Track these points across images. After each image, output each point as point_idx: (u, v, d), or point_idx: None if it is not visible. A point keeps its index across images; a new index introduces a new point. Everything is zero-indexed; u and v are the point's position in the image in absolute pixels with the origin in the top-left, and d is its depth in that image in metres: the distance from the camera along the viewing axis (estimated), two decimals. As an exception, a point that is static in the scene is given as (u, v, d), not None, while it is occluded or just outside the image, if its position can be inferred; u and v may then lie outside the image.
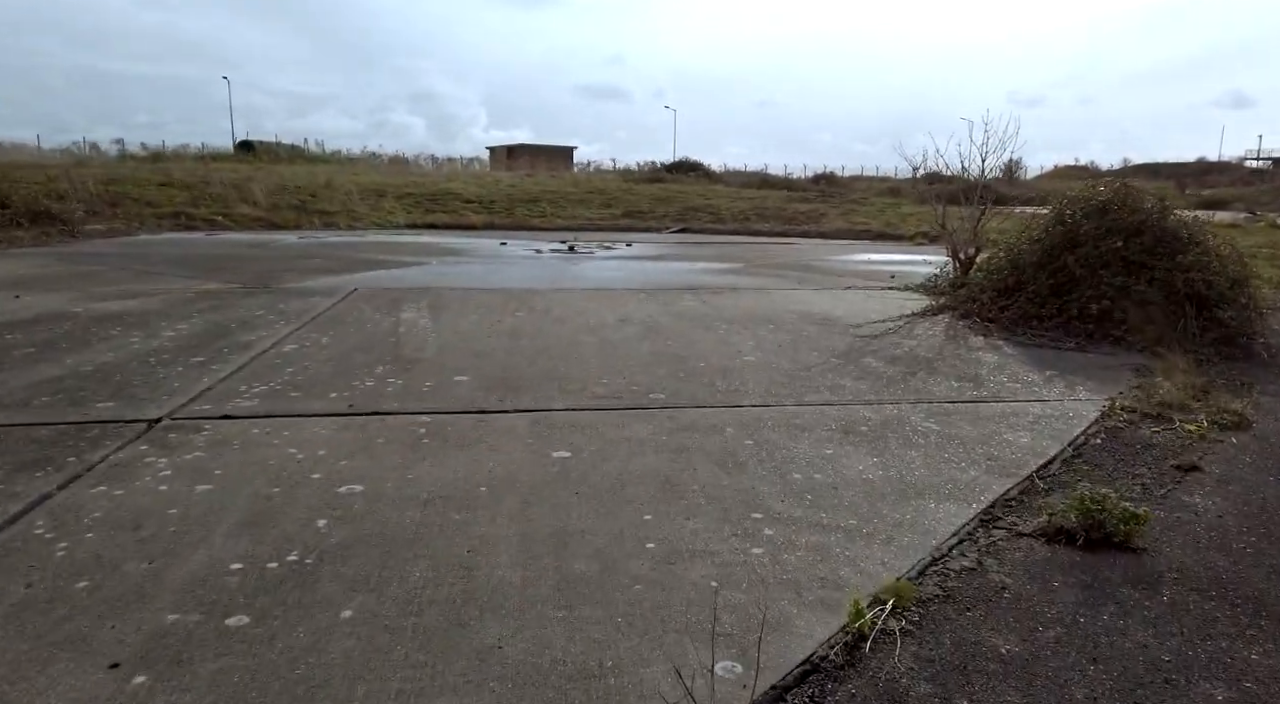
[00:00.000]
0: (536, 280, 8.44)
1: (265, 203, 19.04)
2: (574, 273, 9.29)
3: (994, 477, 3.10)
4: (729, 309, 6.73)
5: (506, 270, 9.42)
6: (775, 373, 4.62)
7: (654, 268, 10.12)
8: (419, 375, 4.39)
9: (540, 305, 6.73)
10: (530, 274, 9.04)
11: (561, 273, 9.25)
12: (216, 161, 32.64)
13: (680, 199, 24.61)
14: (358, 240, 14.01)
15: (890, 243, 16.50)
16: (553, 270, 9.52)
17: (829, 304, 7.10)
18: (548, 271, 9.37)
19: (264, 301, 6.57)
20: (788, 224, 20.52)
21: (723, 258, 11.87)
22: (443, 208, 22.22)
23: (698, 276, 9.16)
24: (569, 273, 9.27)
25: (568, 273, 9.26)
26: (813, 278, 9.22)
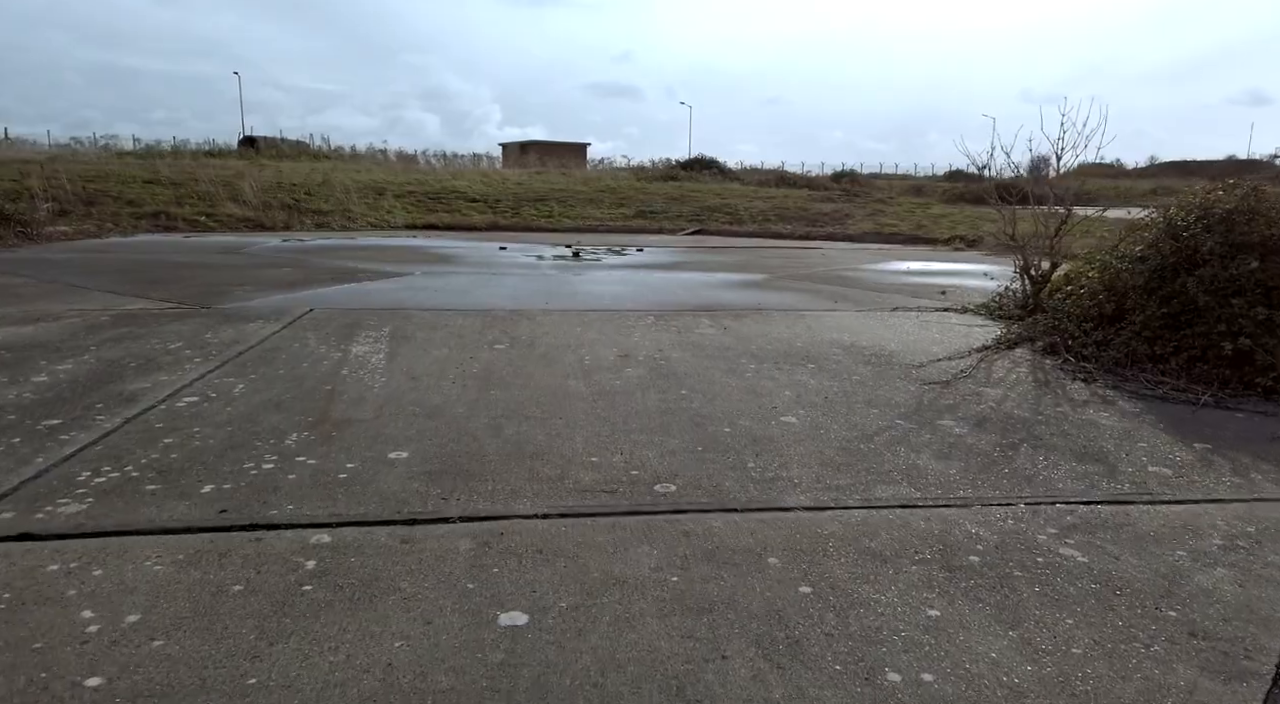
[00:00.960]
0: (528, 297, 7.25)
1: (256, 201, 17.95)
2: (574, 287, 8.09)
3: (1223, 682, 1.88)
4: (757, 340, 5.51)
5: (497, 284, 8.23)
6: (827, 444, 3.41)
7: (666, 280, 8.91)
8: (341, 450, 3.20)
9: (526, 334, 5.54)
10: (523, 289, 7.85)
11: (559, 287, 8.05)
12: (217, 158, 31.68)
13: (696, 198, 23.38)
14: (344, 244, 12.88)
15: (923, 247, 15.22)
16: (550, 284, 8.32)
17: (878, 332, 5.87)
18: (544, 285, 8.17)
19: (190, 328, 5.41)
20: (810, 226, 19.25)
21: (743, 266, 10.64)
22: (445, 207, 21.10)
23: (716, 292, 7.93)
24: (568, 287, 8.07)
25: (566, 287, 8.06)
26: (851, 294, 7.98)
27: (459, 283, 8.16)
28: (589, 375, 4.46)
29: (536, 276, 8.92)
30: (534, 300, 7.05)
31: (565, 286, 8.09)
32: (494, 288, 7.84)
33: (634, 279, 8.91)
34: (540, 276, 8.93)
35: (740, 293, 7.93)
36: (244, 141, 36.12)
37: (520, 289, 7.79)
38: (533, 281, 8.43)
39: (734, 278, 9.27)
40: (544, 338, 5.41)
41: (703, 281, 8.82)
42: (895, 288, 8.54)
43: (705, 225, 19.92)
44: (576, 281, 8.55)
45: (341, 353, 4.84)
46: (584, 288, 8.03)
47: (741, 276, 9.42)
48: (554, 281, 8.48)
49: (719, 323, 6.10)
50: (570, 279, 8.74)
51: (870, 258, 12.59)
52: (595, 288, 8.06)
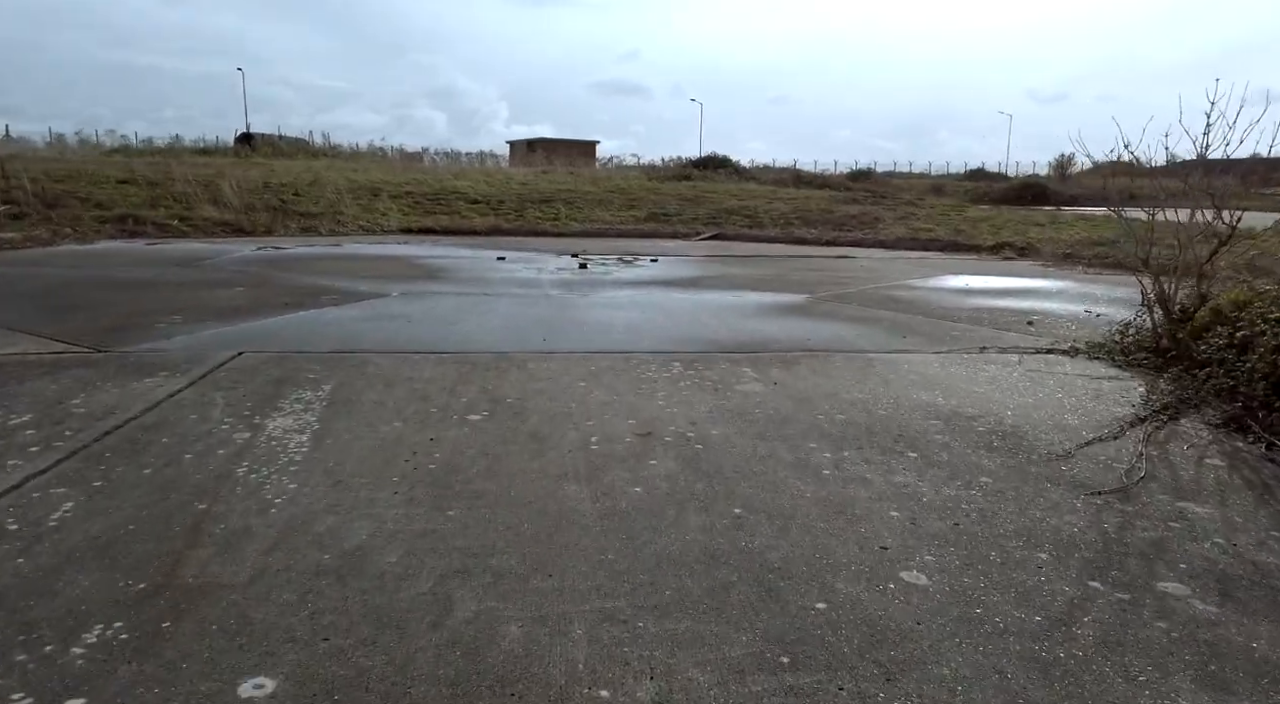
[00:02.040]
0: (523, 331, 5.86)
1: (238, 203, 16.61)
2: (579, 314, 6.68)
3: None
4: (821, 403, 4.10)
5: (487, 310, 6.83)
6: (996, 645, 2.00)
7: (688, 304, 7.49)
8: (162, 670, 1.81)
9: (514, 393, 4.14)
10: (517, 319, 6.45)
11: (561, 314, 6.65)
12: (210, 156, 30.45)
13: (711, 199, 21.95)
14: (325, 252, 11.51)
15: (968, 256, 13.76)
16: (550, 310, 6.92)
17: (979, 390, 4.44)
18: (543, 312, 6.77)
19: (59, 388, 4.02)
20: (837, 230, 17.80)
21: (775, 282, 9.22)
22: (445, 209, 19.74)
23: (751, 322, 6.52)
24: (571, 314, 6.67)
25: (570, 314, 6.66)
26: (916, 324, 6.55)
27: (442, 309, 6.76)
28: (596, 474, 3.06)
29: (536, 299, 7.52)
30: (529, 336, 5.65)
31: (568, 313, 6.68)
32: (482, 316, 6.44)
33: (650, 302, 7.50)
34: (540, 299, 7.52)
35: (780, 322, 6.51)
36: (240, 139, 34.90)
37: (514, 318, 6.39)
38: (530, 306, 7.03)
39: (768, 299, 7.84)
40: (536, 400, 4.02)
41: (732, 305, 7.40)
42: (966, 314, 7.10)
43: (723, 229, 18.50)
44: (582, 306, 7.14)
45: (250, 432, 3.45)
46: (591, 315, 6.63)
47: (776, 297, 8.00)
48: (555, 306, 7.07)
49: (765, 373, 4.68)
50: (575, 302, 7.33)
51: (915, 269, 11.14)
52: (604, 315, 6.65)
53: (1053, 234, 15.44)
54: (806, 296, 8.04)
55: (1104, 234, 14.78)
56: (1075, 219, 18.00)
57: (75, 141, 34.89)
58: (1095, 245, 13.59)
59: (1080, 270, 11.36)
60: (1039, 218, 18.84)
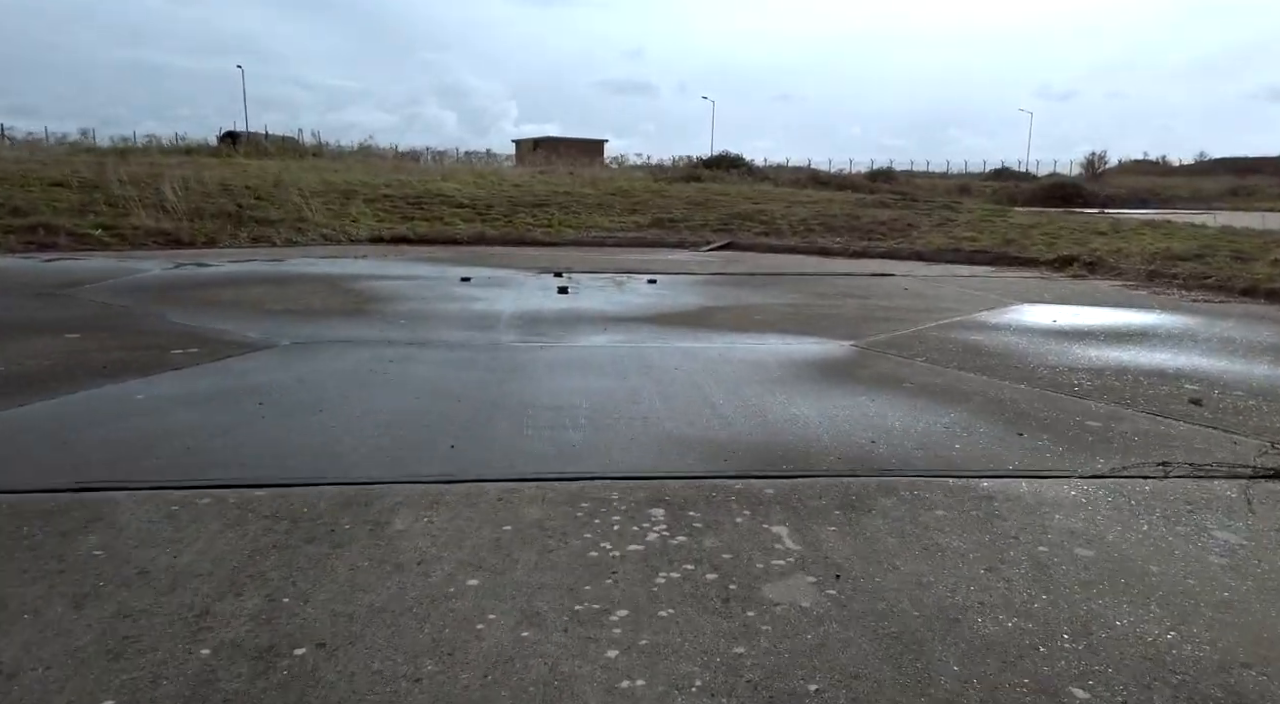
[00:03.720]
0: (418, 432, 3.77)
1: (184, 208, 14.63)
2: (524, 388, 4.60)
3: None
4: (934, 649, 1.99)
5: (388, 381, 4.75)
6: None
7: (687, 359, 5.39)
8: None
9: (314, 624, 2.07)
10: (426, 398, 4.37)
11: (496, 391, 4.57)
12: (187, 155, 28.56)
13: (722, 203, 19.84)
14: (252, 272, 9.47)
15: (1026, 272, 11.59)
16: (484, 381, 4.83)
17: (1222, 592, 2.33)
18: (472, 384, 4.69)
19: None
20: (866, 239, 15.65)
21: (804, 315, 7.10)
22: (426, 214, 17.72)
23: (780, 398, 4.41)
24: (513, 389, 4.58)
25: (510, 390, 4.56)
26: (1024, 400, 4.42)
27: (329, 374, 4.69)
28: None
29: (477, 353, 5.44)
30: (431, 439, 3.57)
31: (512, 385, 4.60)
32: (379, 391, 4.37)
33: (635, 357, 5.41)
34: (483, 353, 5.45)
35: (822, 400, 4.41)
36: (224, 137, 32.99)
37: (424, 397, 4.30)
38: (462, 369, 4.95)
39: (798, 350, 5.75)
40: (352, 650, 1.94)
41: (749, 362, 5.31)
42: (1089, 380, 4.97)
43: (736, 237, 16.39)
44: (538, 366, 5.07)
45: None
46: (544, 387, 4.54)
47: (809, 346, 5.90)
48: (500, 367, 4.99)
49: (813, 543, 2.58)
50: (530, 360, 5.24)
51: (973, 293, 9.00)
52: (564, 387, 4.56)
53: (1120, 244, 13.25)
54: (850, 344, 5.92)
55: (1181, 245, 12.59)
56: (1139, 226, 15.78)
57: (55, 140, 33.08)
58: (1178, 260, 11.40)
59: (1178, 294, 9.19)
60: (1094, 223, 16.61)
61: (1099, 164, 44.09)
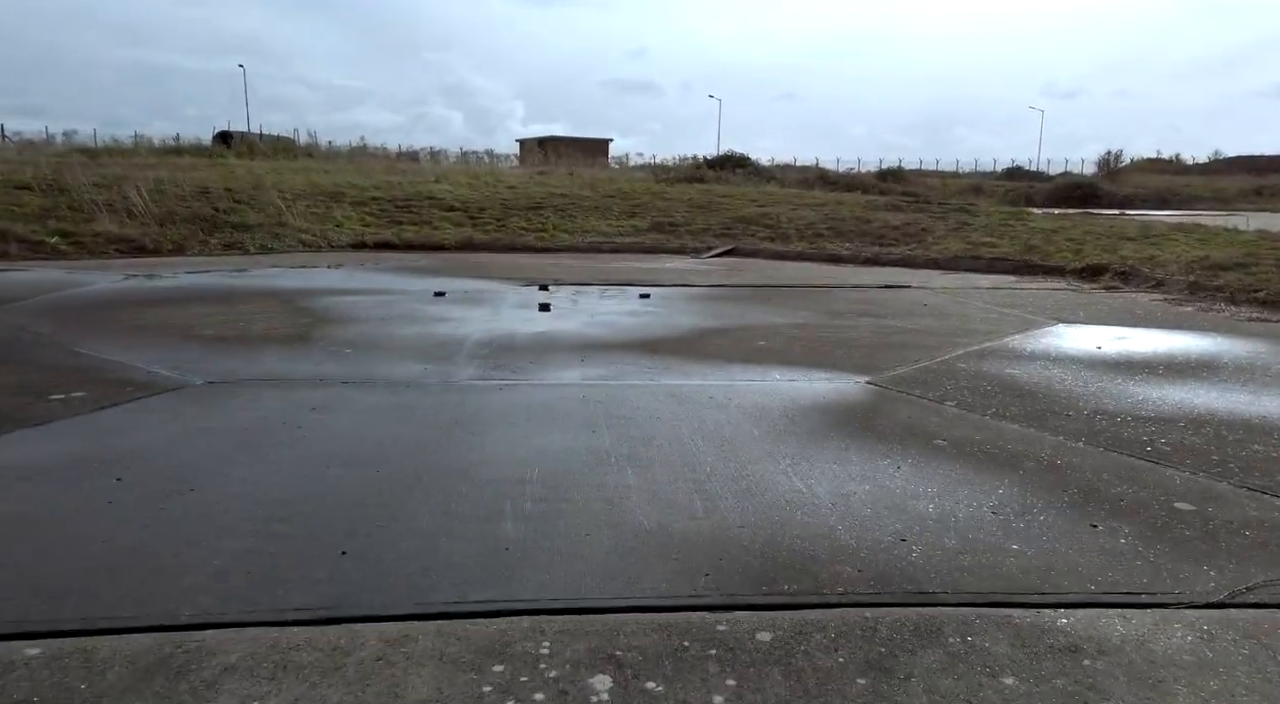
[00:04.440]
0: (299, 530, 2.92)
1: (155, 213, 13.83)
2: (462, 457, 3.73)
3: None
4: None
5: (295, 442, 3.89)
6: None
7: (673, 405, 4.53)
8: None
9: None
10: (331, 471, 3.52)
11: (430, 458, 3.71)
12: (181, 156, 27.82)
13: (726, 205, 18.94)
14: (208, 285, 8.64)
15: (1052, 281, 10.69)
16: (419, 441, 3.97)
17: None
18: (402, 445, 3.83)
19: None
20: (878, 245, 14.76)
21: (813, 340, 6.23)
22: (414, 217, 16.89)
23: (784, 465, 3.55)
24: (449, 458, 3.72)
25: (447, 458, 3.70)
26: (1091, 467, 3.54)
27: (222, 435, 3.84)
28: None
29: (422, 399, 4.58)
30: (313, 549, 2.71)
31: (450, 446, 3.74)
32: (273, 465, 3.51)
33: (611, 404, 4.55)
34: (429, 399, 4.59)
35: (833, 466, 3.55)
36: (218, 137, 32.24)
37: (332, 472, 3.44)
38: (394, 427, 4.09)
39: (804, 389, 4.88)
40: None
41: (746, 408, 4.44)
42: (1159, 435, 4.09)
43: (739, 243, 15.52)
44: (492, 415, 4.21)
45: None
46: (488, 454, 3.68)
47: (818, 384, 5.03)
48: (438, 426, 4.12)
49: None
50: (479, 412, 4.39)
51: (1000, 309, 8.11)
52: (512, 452, 3.70)
53: (1153, 251, 12.32)
54: (867, 382, 5.04)
55: (1220, 253, 11.66)
56: (1170, 230, 14.84)
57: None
58: (1220, 269, 10.48)
59: (1227, 310, 8.28)
60: (1120, 226, 15.67)
61: (1114, 163, 42.97)
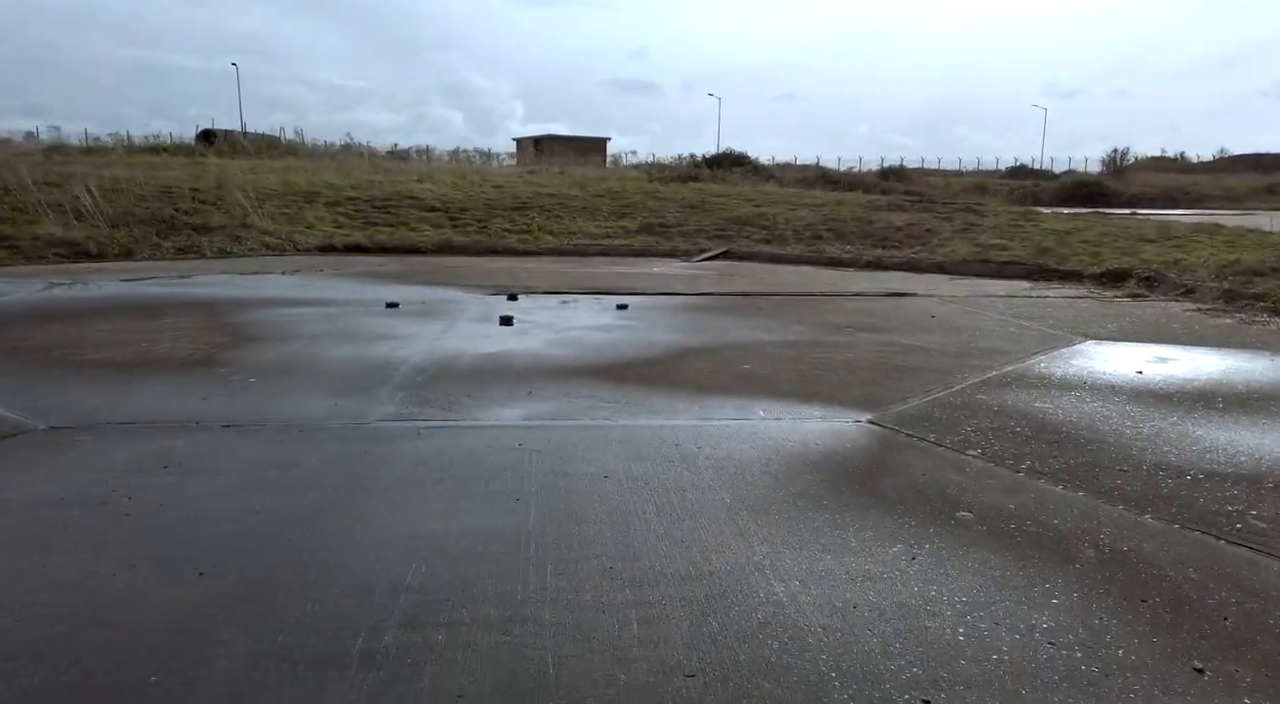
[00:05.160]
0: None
1: (108, 214, 12.96)
2: (318, 560, 2.84)
3: None
4: None
5: (119, 530, 2.97)
6: None
7: (626, 466, 3.66)
8: None
9: None
10: (146, 580, 2.63)
11: (263, 574, 2.80)
12: (159, 155, 26.97)
13: (720, 205, 18.06)
14: (130, 294, 7.76)
15: (1071, 288, 9.79)
16: (259, 548, 3.05)
17: None
18: (233, 557, 2.92)
19: None
20: (880, 247, 13.87)
21: (806, 363, 5.34)
22: (391, 218, 16.02)
23: (761, 550, 2.66)
24: (297, 561, 2.83)
25: (291, 563, 2.82)
26: (1160, 552, 2.66)
27: (21, 512, 2.96)
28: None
29: (314, 451, 3.70)
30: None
31: (315, 534, 2.85)
32: (42, 573, 2.64)
33: (550, 459, 3.67)
34: (322, 451, 3.70)
35: (825, 559, 2.67)
36: (201, 136, 31.37)
37: (129, 579, 2.55)
38: (258, 496, 3.19)
39: (791, 433, 4.01)
40: None
41: (718, 464, 3.56)
42: (1243, 500, 3.21)
43: (733, 245, 14.64)
44: (379, 491, 3.33)
45: None
46: (360, 547, 2.79)
47: (809, 425, 4.15)
48: (315, 496, 3.22)
49: None
50: (378, 471, 3.50)
51: (1017, 321, 7.22)
52: (393, 544, 2.82)
53: (1176, 254, 11.44)
54: (869, 421, 4.15)
55: (1251, 256, 10.78)
56: (1191, 231, 13.93)
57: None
58: (1254, 275, 9.60)
59: (1273, 322, 7.38)
60: (1137, 227, 14.77)
61: (1120, 161, 42.03)
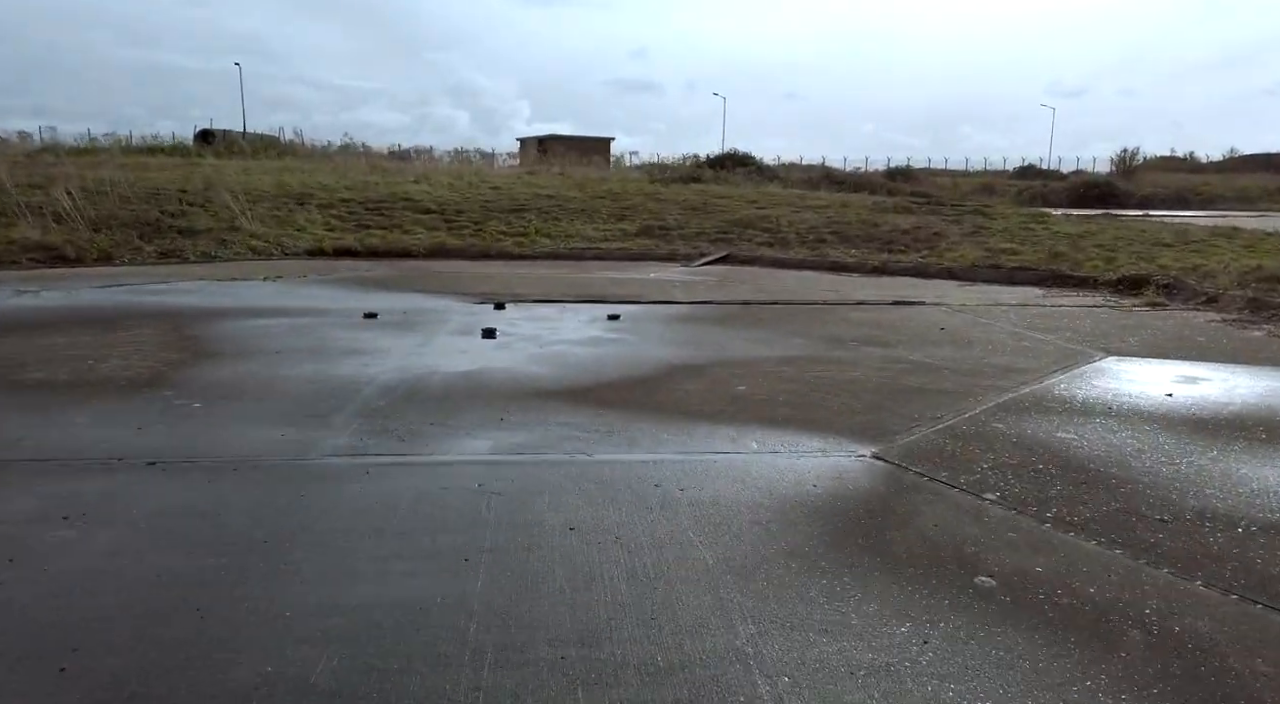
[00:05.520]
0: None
1: (91, 216, 12.60)
2: (198, 654, 2.43)
3: None
4: None
5: None
6: None
7: (595, 515, 3.23)
8: None
9: None
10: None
11: (128, 669, 2.41)
12: (155, 156, 26.67)
13: (722, 207, 17.63)
14: (93, 304, 7.37)
15: (1085, 294, 9.34)
16: (139, 630, 2.65)
17: None
18: (104, 642, 2.52)
19: None
20: (886, 250, 13.43)
21: (806, 381, 4.91)
22: (384, 221, 15.62)
23: (744, 632, 2.23)
24: (179, 655, 2.42)
25: (170, 659, 2.41)
26: (1228, 644, 2.23)
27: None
28: None
29: (247, 494, 3.28)
30: None
31: (222, 604, 2.45)
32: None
33: (511, 504, 3.27)
34: (256, 494, 3.28)
35: (828, 649, 2.25)
36: (200, 136, 31.07)
37: None
38: (165, 556, 2.78)
39: (787, 471, 3.60)
40: None
41: (702, 512, 3.15)
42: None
43: (735, 248, 14.22)
44: (312, 546, 2.92)
45: None
46: (265, 633, 2.39)
47: (808, 461, 3.75)
48: (233, 555, 2.83)
49: None
50: (316, 520, 3.08)
51: (1031, 333, 6.78)
52: (300, 621, 2.42)
53: (1195, 260, 10.97)
54: (872, 455, 3.73)
55: (1273, 262, 10.32)
56: (1209, 235, 13.45)
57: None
58: (1277, 282, 9.15)
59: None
60: (1153, 231, 14.29)
61: (1130, 161, 41.40)
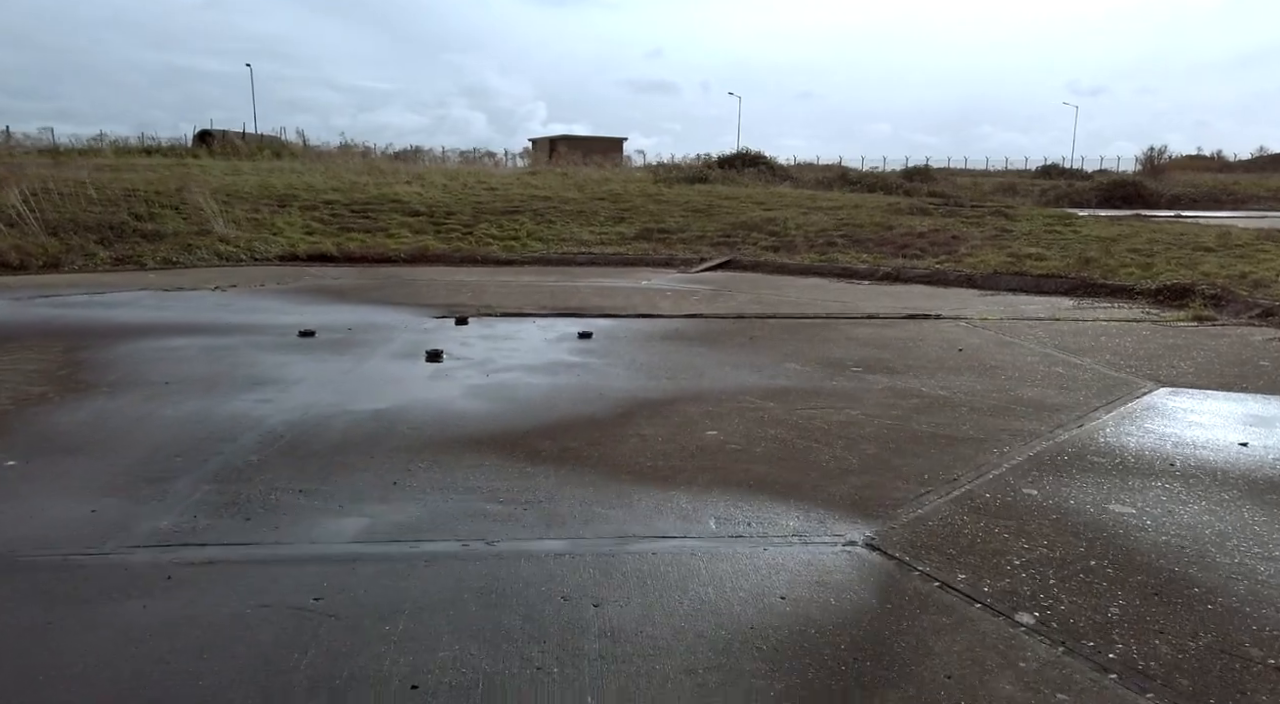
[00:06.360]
0: None
1: (48, 220, 11.84)
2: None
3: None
4: None
5: None
6: None
7: (468, 678, 2.28)
8: None
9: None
10: None
11: None
12: (152, 157, 26.08)
13: (727, 209, 16.66)
14: (8, 319, 6.53)
15: (1119, 305, 8.32)
16: None
17: None
18: None
19: None
20: (901, 255, 12.43)
21: (793, 424, 3.98)
22: (368, 224, 14.78)
23: None
24: None
25: None
26: None
27: None
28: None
29: None
30: None
31: None
32: None
33: (347, 634, 2.41)
34: None
35: None
36: (199, 137, 30.45)
37: None
38: None
39: (752, 571, 2.71)
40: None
41: (640, 643, 2.24)
42: None
43: (737, 253, 13.27)
44: None
45: None
46: None
47: (788, 553, 2.84)
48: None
49: None
50: (20, 690, 2.19)
51: (1064, 356, 5.81)
52: None
53: (1243, 267, 9.92)
54: (865, 540, 2.79)
55: None
56: (1255, 239, 12.35)
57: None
58: None
59: (1388, 361, 5.90)
60: (1192, 234, 13.20)
61: (1158, 159, 39.98)
